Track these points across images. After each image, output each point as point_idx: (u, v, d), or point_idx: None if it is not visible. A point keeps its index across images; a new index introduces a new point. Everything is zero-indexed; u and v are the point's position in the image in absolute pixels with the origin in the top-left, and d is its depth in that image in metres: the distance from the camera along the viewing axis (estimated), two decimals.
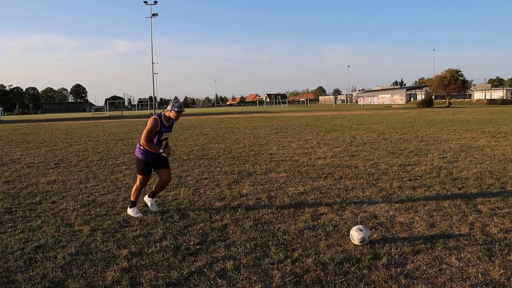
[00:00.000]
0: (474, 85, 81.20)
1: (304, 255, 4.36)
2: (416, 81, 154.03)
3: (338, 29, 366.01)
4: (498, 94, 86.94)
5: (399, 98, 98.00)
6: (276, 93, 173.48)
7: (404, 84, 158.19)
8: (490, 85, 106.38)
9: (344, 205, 6.22)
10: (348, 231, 4.85)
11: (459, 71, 65.59)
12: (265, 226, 5.33)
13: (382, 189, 7.11)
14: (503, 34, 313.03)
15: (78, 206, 6.44)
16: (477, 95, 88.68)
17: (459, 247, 4.49)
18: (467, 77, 66.84)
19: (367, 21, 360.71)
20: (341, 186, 7.40)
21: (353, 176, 8.21)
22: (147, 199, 6.17)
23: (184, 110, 5.74)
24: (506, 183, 7.38)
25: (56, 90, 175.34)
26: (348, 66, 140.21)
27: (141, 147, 5.75)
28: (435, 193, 6.81)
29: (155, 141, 5.69)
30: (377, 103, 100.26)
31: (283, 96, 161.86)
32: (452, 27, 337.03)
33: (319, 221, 5.48)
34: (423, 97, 73.79)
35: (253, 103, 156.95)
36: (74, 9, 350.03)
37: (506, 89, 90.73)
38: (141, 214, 5.84)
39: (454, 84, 64.60)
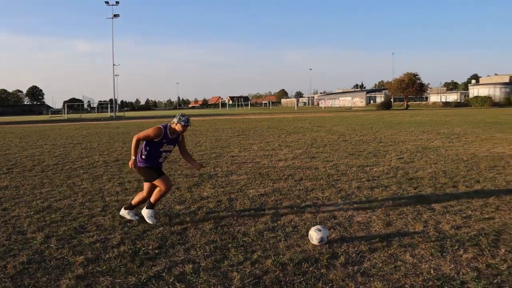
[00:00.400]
0: (430, 88, 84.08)
1: (264, 256, 4.38)
2: (376, 84, 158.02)
3: (300, 31, 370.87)
4: (452, 97, 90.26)
5: (359, 101, 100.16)
6: (238, 95, 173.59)
7: (365, 87, 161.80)
8: (445, 88, 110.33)
9: (303, 206, 6.29)
10: (307, 231, 4.91)
11: (417, 75, 67.85)
12: (225, 228, 5.32)
13: (341, 190, 7.24)
14: (458, 40, 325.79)
15: (32, 213, 6.21)
16: (433, 98, 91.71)
17: (414, 244, 4.64)
18: (424, 80, 69.20)
19: (329, 24, 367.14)
20: (301, 188, 7.49)
21: (313, 178, 8.32)
22: (145, 211, 5.61)
23: (190, 125, 5.51)
24: (458, 182, 7.67)
25: (11, 92, 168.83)
26: (310, 69, 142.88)
27: (141, 157, 5.47)
28: (392, 192, 6.99)
29: (153, 150, 5.44)
30: (338, 106, 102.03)
31: (246, 98, 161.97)
32: (411, 31, 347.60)
33: (279, 222, 5.52)
34: (383, 99, 75.84)
35: (215, 105, 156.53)
36: (29, 8, 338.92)
37: (460, 92, 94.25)
38: (137, 217, 5.68)
39: (412, 87, 66.76)
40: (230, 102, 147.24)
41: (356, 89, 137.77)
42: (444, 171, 8.74)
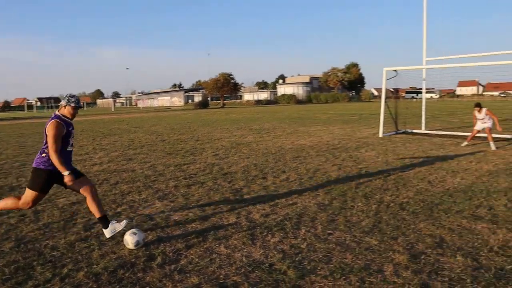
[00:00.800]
0: (244, 87, 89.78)
1: (75, 269, 4.08)
2: (193, 84, 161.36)
3: (117, 30, 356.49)
4: (263, 95, 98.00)
5: (178, 100, 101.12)
6: (48, 96, 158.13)
7: (183, 87, 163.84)
8: (257, 87, 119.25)
9: (119, 210, 6.07)
10: (123, 236, 4.75)
11: (231, 75, 71.67)
12: (30, 245, 4.79)
13: (158, 190, 7.20)
14: (266, 44, 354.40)
15: None
16: (247, 96, 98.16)
17: (227, 236, 4.88)
18: (238, 80, 73.72)
19: (147, 23, 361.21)
20: (117, 191, 7.21)
21: (129, 180, 8.09)
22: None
23: (82, 106, 4.84)
24: (267, 173, 8.37)
25: None
26: (127, 68, 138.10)
27: (43, 155, 4.65)
28: (207, 188, 7.24)
29: (64, 152, 4.68)
30: (157, 106, 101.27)
31: (57, 99, 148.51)
32: (225, 33, 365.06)
33: (92, 231, 5.21)
34: (200, 99, 77.99)
35: (20, 107, 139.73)
36: None
37: (270, 91, 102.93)
38: (125, 221, 4.84)
39: (227, 87, 70.31)
40: (39, 104, 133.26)
41: (175, 89, 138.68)
42: (255, 164, 9.43)
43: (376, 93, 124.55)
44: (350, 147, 12.17)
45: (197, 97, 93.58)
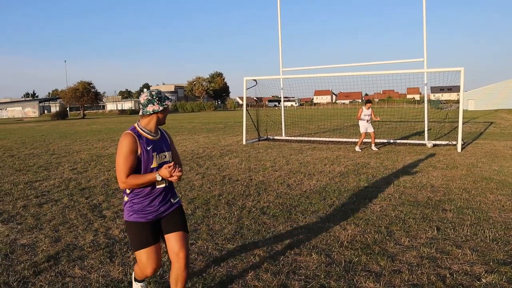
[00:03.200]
0: (106, 97, 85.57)
1: None
2: (49, 93, 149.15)
3: None
4: (127, 105, 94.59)
5: (31, 111, 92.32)
6: None
7: (37, 96, 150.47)
8: (120, 96, 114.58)
9: None
10: None
11: (91, 84, 67.63)
12: None
13: (3, 212, 6.41)
14: (128, 52, 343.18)
15: None
16: (110, 106, 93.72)
17: (83, 256, 4.53)
18: (99, 89, 69.92)
19: None
20: None
21: None
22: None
23: (168, 106, 3.16)
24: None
25: None
26: None
27: (126, 196, 3.11)
28: (62, 206, 6.67)
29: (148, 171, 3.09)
30: (6, 117, 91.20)
31: None
32: (83, 39, 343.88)
33: None
34: (58, 109, 72.31)
35: None
36: None
37: (134, 100, 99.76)
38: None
39: (87, 96, 66.15)
40: None
41: (28, 98, 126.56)
42: (116, 177, 8.97)
43: (240, 101, 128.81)
44: (214, 155, 12.32)
45: (54, 108, 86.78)
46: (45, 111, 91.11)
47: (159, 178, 2.95)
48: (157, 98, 3.05)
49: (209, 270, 4.13)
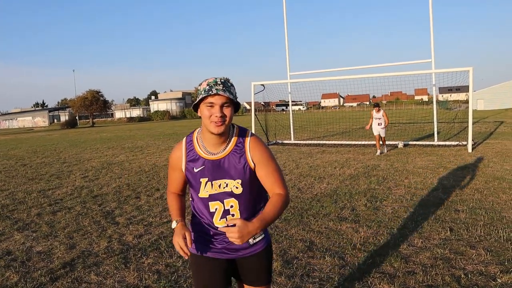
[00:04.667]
0: (115, 105, 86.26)
1: None
2: (58, 102, 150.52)
3: None
4: (136, 112, 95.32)
5: (41, 120, 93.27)
6: None
7: (46, 106, 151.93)
8: (129, 104, 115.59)
9: None
10: None
11: (100, 92, 68.24)
12: None
13: (18, 220, 6.49)
14: (136, 60, 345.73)
15: None
16: (118, 114, 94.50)
17: (98, 262, 4.58)
18: (108, 97, 70.49)
19: None
20: None
21: None
22: None
23: (223, 93, 1.96)
24: (141, 193, 8.09)
25: None
26: None
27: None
28: (76, 213, 6.74)
29: (199, 203, 2.21)
30: (17, 127, 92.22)
31: None
32: (91, 49, 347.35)
33: None
34: (67, 118, 72.98)
35: None
36: None
37: (143, 108, 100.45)
38: None
39: (96, 105, 66.75)
40: None
41: (37, 108, 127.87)
42: (128, 184, 9.05)
43: (248, 107, 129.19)
44: None
45: (64, 116, 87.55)
46: (55, 120, 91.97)
47: (173, 225, 2.15)
48: (207, 87, 1.96)
49: None
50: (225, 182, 2.12)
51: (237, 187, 2.12)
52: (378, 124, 12.70)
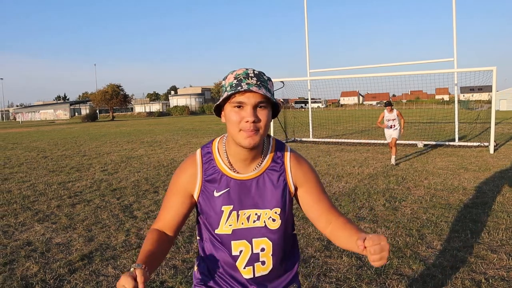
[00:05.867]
0: (135, 99, 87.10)
1: None
2: (80, 96, 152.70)
3: None
4: (155, 107, 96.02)
5: (63, 113, 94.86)
6: None
7: (68, 99, 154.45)
8: (148, 99, 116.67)
9: None
10: None
11: (120, 86, 68.95)
12: None
13: (38, 212, 6.61)
14: (157, 55, 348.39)
15: None
16: (138, 109, 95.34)
17: (116, 256, 4.62)
18: (128, 91, 71.16)
19: (20, 29, 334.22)
20: None
21: (4, 202, 7.32)
22: None
23: (251, 88, 1.41)
24: (159, 187, 8.14)
25: None
26: (1, 78, 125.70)
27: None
28: (94, 206, 6.82)
29: (215, 243, 1.61)
30: (39, 119, 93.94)
31: None
32: (113, 43, 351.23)
33: None
34: (88, 111, 73.98)
35: None
36: None
37: (162, 103, 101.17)
38: None
39: (116, 99, 67.47)
40: None
41: (59, 101, 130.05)
42: (146, 178, 9.13)
43: None
44: None
45: (85, 110, 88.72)
46: (76, 114, 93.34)
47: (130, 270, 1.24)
48: (235, 81, 1.45)
49: None
50: (256, 214, 1.55)
51: (274, 220, 1.56)
52: (392, 127, 10.60)
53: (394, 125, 10.58)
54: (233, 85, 1.43)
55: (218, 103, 1.50)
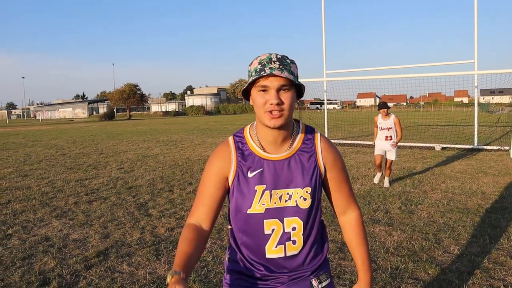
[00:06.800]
0: (151, 98, 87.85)
1: None
2: (98, 95, 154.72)
3: (6, 34, 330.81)
4: (171, 106, 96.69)
5: (81, 112, 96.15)
6: None
7: (86, 98, 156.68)
8: (165, 98, 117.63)
9: (10, 231, 5.54)
10: (14, 261, 4.34)
11: (137, 86, 69.67)
12: None
13: (56, 208, 6.71)
14: (173, 55, 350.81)
15: None
16: (154, 108, 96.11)
17: (131, 253, 4.66)
18: (145, 91, 71.82)
19: (42, 28, 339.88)
20: (8, 211, 6.59)
21: (24, 198, 7.45)
22: None
23: (277, 74, 1.46)
24: (174, 186, 8.19)
25: None
26: (23, 77, 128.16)
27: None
28: (110, 204, 6.90)
29: (248, 225, 1.63)
30: (58, 117, 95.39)
31: None
32: (131, 43, 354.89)
33: None
34: (105, 110, 74.88)
35: None
36: None
37: (178, 102, 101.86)
38: None
39: (133, 98, 68.21)
40: None
41: (78, 100, 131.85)
42: (162, 177, 9.19)
43: None
44: None
45: (102, 109, 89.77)
46: (94, 112, 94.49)
47: (167, 279, 1.27)
48: (259, 66, 1.52)
49: None
50: (287, 193, 1.59)
51: (305, 199, 1.59)
52: (386, 139, 8.12)
53: (391, 137, 8.09)
54: (258, 70, 1.51)
55: (245, 87, 1.57)
